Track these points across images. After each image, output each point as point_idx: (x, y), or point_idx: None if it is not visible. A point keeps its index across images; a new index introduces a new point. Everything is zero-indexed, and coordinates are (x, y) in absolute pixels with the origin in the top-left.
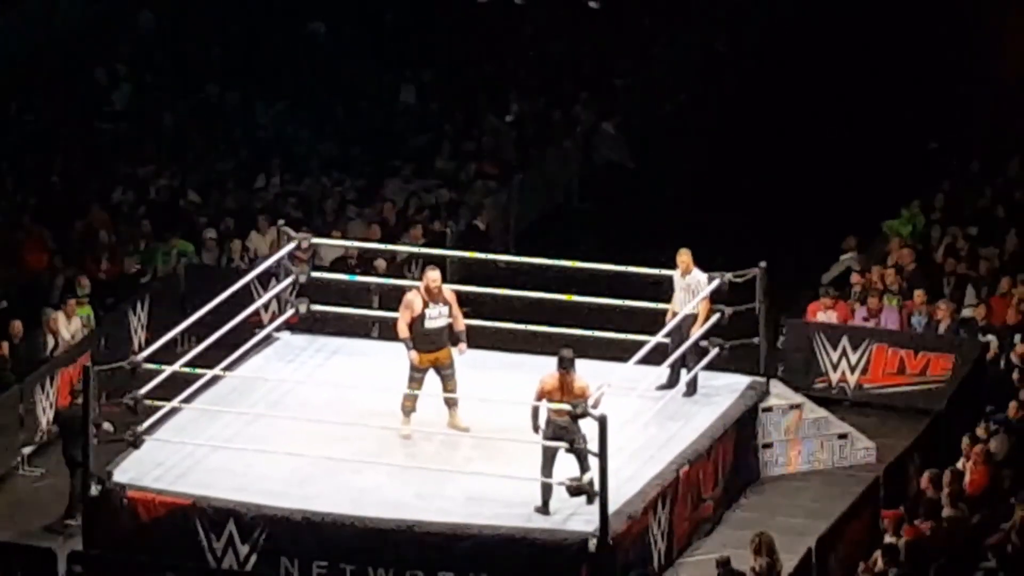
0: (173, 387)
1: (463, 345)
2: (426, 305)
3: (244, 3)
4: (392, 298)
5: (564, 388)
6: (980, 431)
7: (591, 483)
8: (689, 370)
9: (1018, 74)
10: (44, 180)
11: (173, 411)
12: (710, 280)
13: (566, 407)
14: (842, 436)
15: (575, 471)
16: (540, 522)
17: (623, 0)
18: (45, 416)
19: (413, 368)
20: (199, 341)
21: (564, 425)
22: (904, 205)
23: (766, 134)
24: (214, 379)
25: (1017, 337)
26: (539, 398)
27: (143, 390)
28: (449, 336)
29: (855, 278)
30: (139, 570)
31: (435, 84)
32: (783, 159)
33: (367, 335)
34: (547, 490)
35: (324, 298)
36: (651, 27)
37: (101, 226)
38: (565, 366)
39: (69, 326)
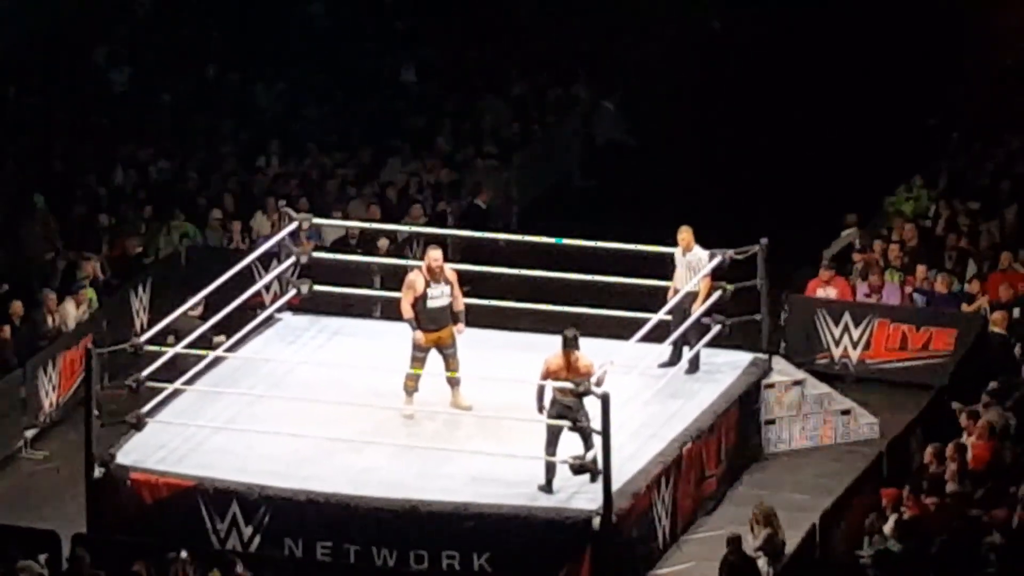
0: (175, 369)
1: (461, 325)
2: (428, 285)
3: None
4: (394, 278)
5: (569, 367)
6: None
7: (594, 461)
8: (691, 347)
9: (1017, 48)
10: (44, 163)
11: (175, 393)
12: (711, 257)
13: (570, 386)
14: (845, 412)
15: (578, 449)
16: (544, 501)
17: None
18: (47, 399)
19: (416, 348)
20: (201, 322)
21: (569, 404)
22: (904, 181)
23: (766, 111)
24: (216, 360)
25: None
26: (544, 378)
27: (145, 372)
28: (451, 315)
29: (856, 255)
30: (143, 552)
31: (435, 64)
32: (783, 136)
33: (369, 315)
34: (551, 469)
35: (326, 278)
36: (648, 4)
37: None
38: (569, 345)
39: (77, 313)
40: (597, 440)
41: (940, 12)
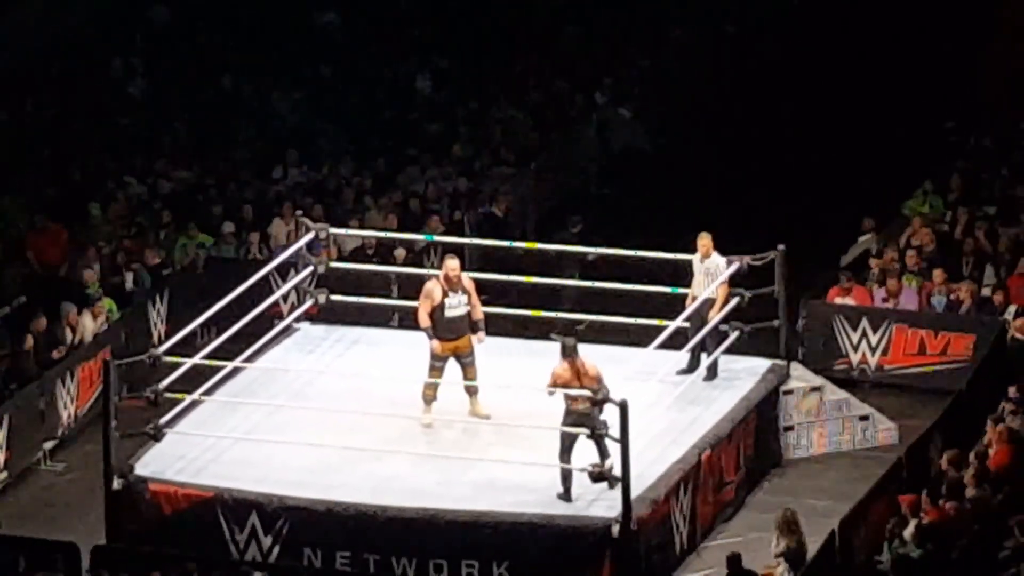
0: (194, 380)
1: (481, 334)
2: (445, 294)
3: None
4: (412, 287)
5: (579, 375)
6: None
7: (612, 469)
8: (709, 354)
9: None
10: (61, 175)
11: (194, 404)
12: (729, 264)
13: (585, 393)
14: (864, 418)
15: (595, 457)
16: (562, 508)
17: None
18: (66, 411)
19: (434, 357)
20: (219, 333)
21: (585, 411)
22: (921, 185)
23: (782, 117)
24: (234, 371)
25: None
26: (553, 386)
27: (163, 383)
28: (468, 324)
29: (873, 260)
30: (162, 563)
31: (450, 72)
32: (800, 141)
33: (387, 324)
34: (567, 477)
35: (343, 288)
36: (663, 10)
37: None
38: (570, 353)
39: (95, 325)
40: (612, 447)
41: (958, 15)
